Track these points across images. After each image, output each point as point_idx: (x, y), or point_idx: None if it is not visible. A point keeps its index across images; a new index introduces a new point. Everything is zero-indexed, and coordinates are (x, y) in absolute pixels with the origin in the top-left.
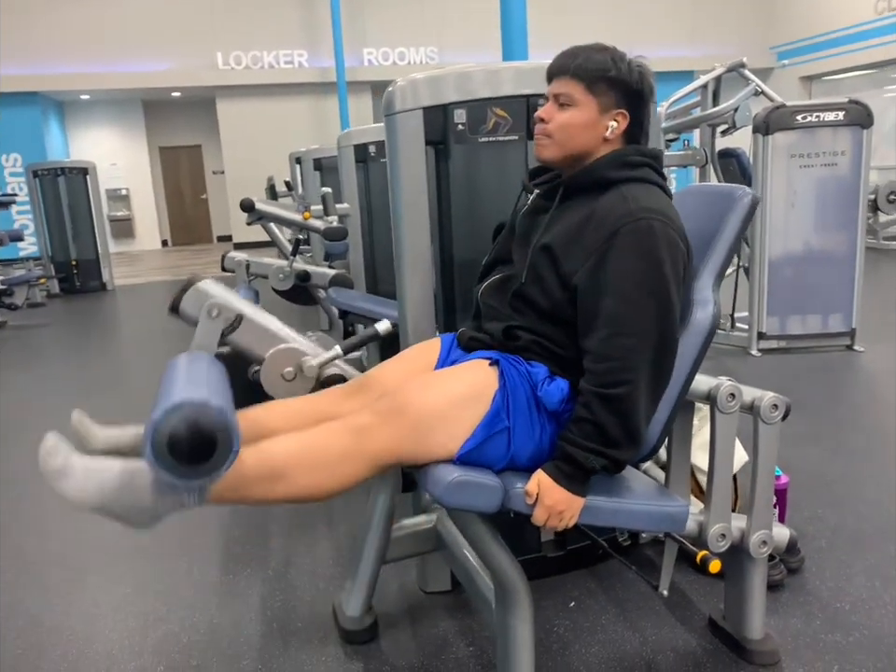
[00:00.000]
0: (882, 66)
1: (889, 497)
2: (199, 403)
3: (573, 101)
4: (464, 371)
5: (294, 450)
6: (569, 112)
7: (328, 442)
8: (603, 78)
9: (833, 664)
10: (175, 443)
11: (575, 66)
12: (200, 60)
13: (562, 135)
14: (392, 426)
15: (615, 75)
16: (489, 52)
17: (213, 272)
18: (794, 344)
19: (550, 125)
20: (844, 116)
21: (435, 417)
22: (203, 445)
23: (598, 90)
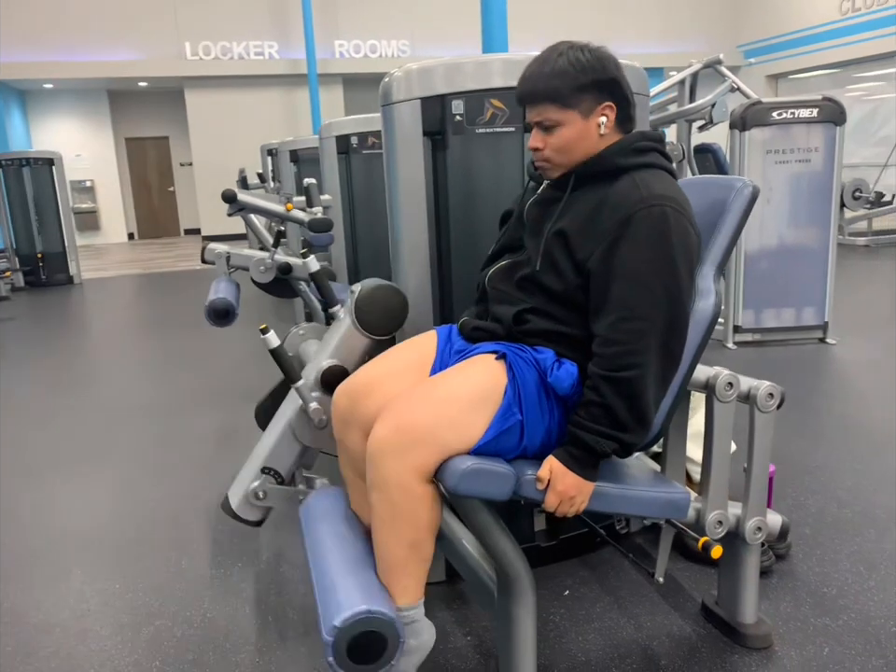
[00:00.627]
0: (845, 66)
1: (866, 484)
2: (377, 613)
3: (556, 122)
4: (470, 371)
5: (389, 542)
6: (557, 133)
7: (390, 511)
8: (572, 89)
9: (824, 646)
10: (353, 649)
11: (542, 90)
12: (168, 50)
13: (561, 156)
14: (409, 451)
15: (581, 79)
16: (462, 45)
17: (183, 265)
18: (769, 337)
19: (545, 151)
20: (818, 113)
21: (447, 427)
22: (378, 648)
23: (573, 101)
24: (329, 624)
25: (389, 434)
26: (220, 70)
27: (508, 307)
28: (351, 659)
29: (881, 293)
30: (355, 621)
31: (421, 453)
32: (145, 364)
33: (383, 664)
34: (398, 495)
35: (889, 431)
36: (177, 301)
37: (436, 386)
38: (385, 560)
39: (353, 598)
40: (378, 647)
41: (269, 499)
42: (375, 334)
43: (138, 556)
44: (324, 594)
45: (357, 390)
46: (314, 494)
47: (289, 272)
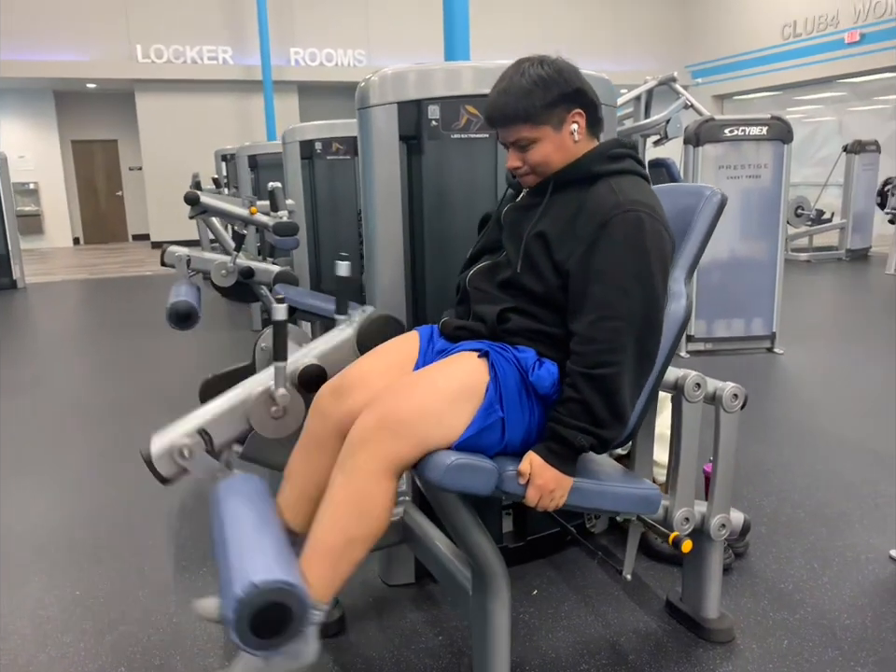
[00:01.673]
0: (787, 89)
1: (816, 485)
2: (276, 581)
3: (530, 140)
4: (454, 367)
5: (331, 527)
6: (534, 149)
7: (351, 498)
8: (541, 106)
9: (783, 639)
10: (255, 625)
11: (512, 113)
12: (118, 51)
13: (542, 168)
14: (385, 440)
15: (548, 95)
16: (419, 56)
17: (131, 271)
18: (720, 347)
19: (525, 168)
20: (767, 131)
21: (430, 420)
22: (282, 620)
23: (544, 117)
24: (245, 581)
25: (373, 423)
26: (172, 74)
27: (491, 306)
28: (254, 632)
29: (822, 306)
30: (274, 586)
31: (401, 445)
32: (97, 368)
33: (286, 639)
34: (364, 482)
35: (834, 435)
36: (127, 306)
37: (421, 380)
38: (318, 544)
39: (275, 567)
40: (283, 622)
41: (190, 461)
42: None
43: (98, 562)
44: (243, 556)
45: (342, 387)
46: (238, 475)
47: (251, 275)
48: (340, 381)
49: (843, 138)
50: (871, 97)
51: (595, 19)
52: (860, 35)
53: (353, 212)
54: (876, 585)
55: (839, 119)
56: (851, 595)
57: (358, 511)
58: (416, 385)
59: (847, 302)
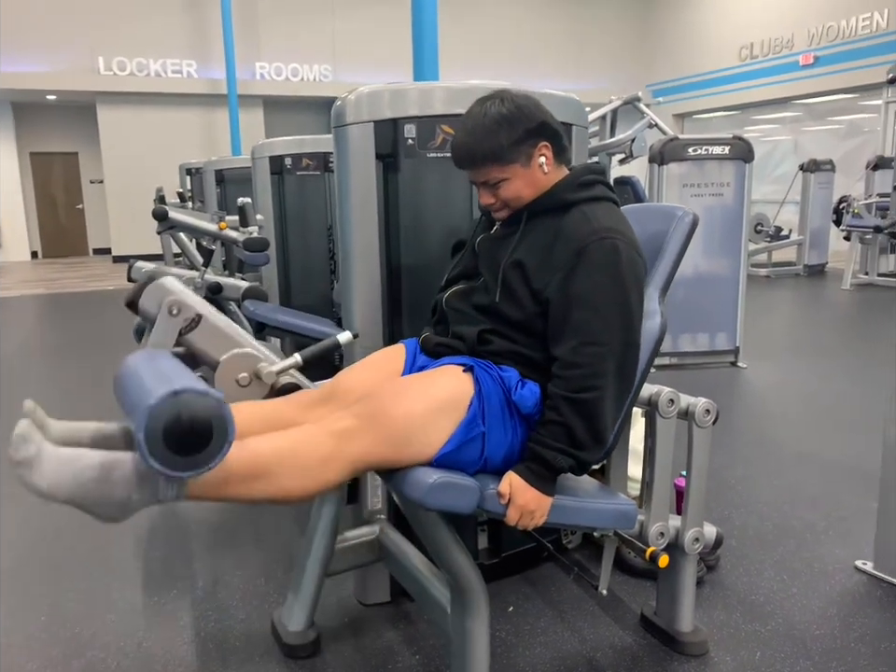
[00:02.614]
0: (745, 108)
1: (782, 498)
2: (199, 391)
3: (499, 178)
4: (440, 377)
5: (278, 449)
6: (503, 187)
7: (310, 445)
8: (507, 146)
9: (756, 651)
10: (171, 432)
11: (480, 156)
12: (79, 63)
13: (514, 203)
14: (372, 431)
15: (513, 134)
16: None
17: (92, 286)
18: (685, 361)
19: (498, 204)
20: (729, 150)
21: (414, 424)
22: (200, 435)
23: (509, 156)
24: (143, 406)
25: (367, 413)
26: (135, 87)
27: (469, 327)
28: (168, 448)
29: (783, 320)
30: (176, 398)
31: (382, 445)
32: (57, 388)
33: (204, 459)
34: (328, 446)
35: (798, 448)
36: (88, 322)
37: (410, 385)
38: (244, 445)
39: (177, 381)
40: (201, 437)
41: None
42: None
43: (64, 586)
44: (139, 391)
45: (333, 394)
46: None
47: (220, 291)
48: (329, 389)
49: (799, 157)
50: (825, 117)
51: (558, 39)
52: (814, 58)
53: (323, 227)
54: (843, 595)
55: (795, 138)
56: (820, 605)
57: (304, 458)
58: (404, 390)
59: (806, 317)
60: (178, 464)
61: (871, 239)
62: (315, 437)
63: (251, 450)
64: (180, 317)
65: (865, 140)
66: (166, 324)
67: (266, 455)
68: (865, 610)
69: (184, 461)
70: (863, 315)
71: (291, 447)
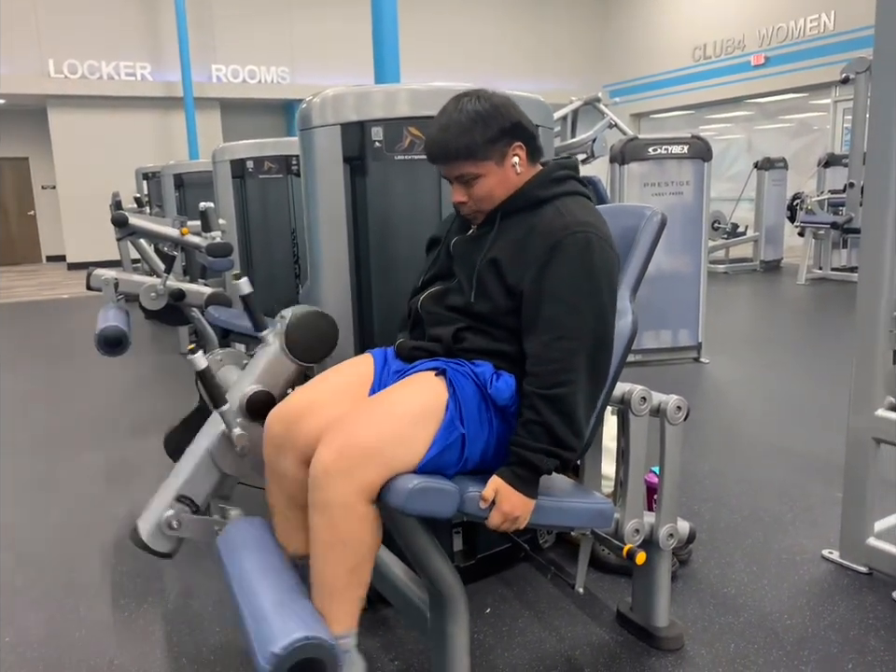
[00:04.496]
0: (699, 108)
1: (749, 490)
2: (321, 641)
3: (474, 175)
4: (411, 389)
5: (327, 566)
6: (477, 184)
7: (332, 535)
8: (481, 143)
9: (730, 643)
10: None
11: (454, 151)
12: (29, 66)
13: (486, 202)
14: (355, 471)
15: (488, 132)
16: (343, 74)
17: (46, 294)
18: (649, 358)
19: (470, 203)
20: (688, 149)
21: (393, 444)
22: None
23: (485, 153)
24: (265, 652)
25: (334, 455)
26: (88, 90)
27: (445, 327)
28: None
29: (742, 315)
30: (294, 648)
31: (367, 472)
32: (13, 400)
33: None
34: (341, 516)
35: (762, 440)
36: (43, 332)
37: (379, 404)
38: (323, 585)
39: (289, 625)
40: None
41: (183, 529)
42: (305, 361)
43: (29, 605)
44: (257, 623)
45: (293, 414)
46: (233, 524)
47: (182, 298)
48: (287, 408)
49: (752, 155)
50: (776, 116)
51: (516, 40)
52: (765, 58)
53: (286, 231)
54: (812, 585)
55: (748, 136)
56: (790, 595)
57: (347, 545)
58: (375, 411)
59: (764, 311)
60: None
61: (824, 234)
62: (329, 524)
63: (327, 583)
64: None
65: (815, 138)
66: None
67: (332, 573)
68: (833, 599)
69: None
70: (819, 309)
71: (334, 552)
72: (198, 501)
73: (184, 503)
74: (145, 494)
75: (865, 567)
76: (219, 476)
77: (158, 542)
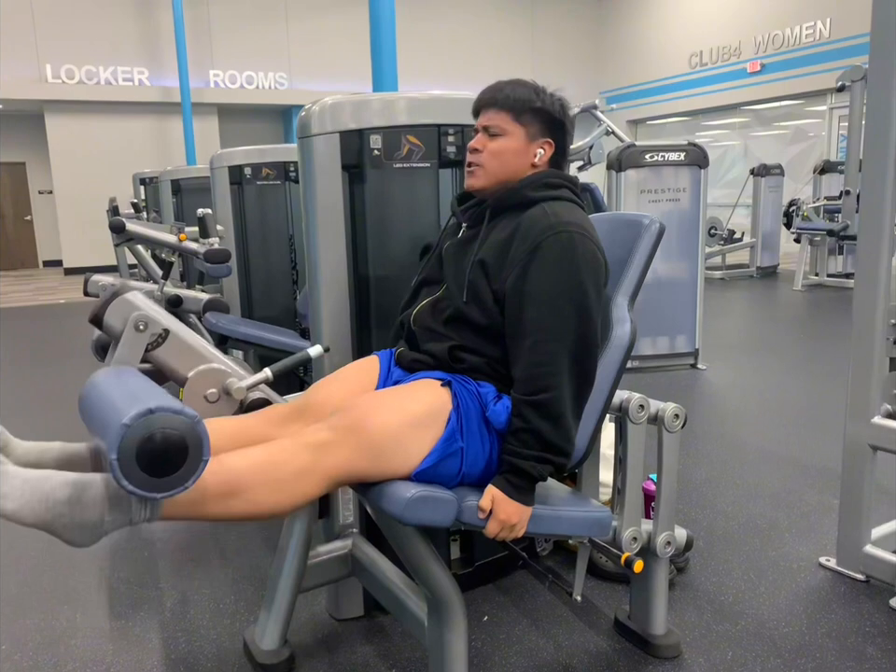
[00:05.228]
0: (695, 114)
1: (745, 497)
2: (173, 409)
3: (503, 130)
4: (418, 391)
5: (254, 465)
6: (500, 141)
7: (285, 459)
8: (529, 109)
9: (727, 650)
10: (145, 452)
11: (502, 98)
12: (26, 71)
13: (494, 163)
14: (350, 444)
15: (540, 105)
16: (342, 78)
17: (43, 299)
18: (647, 364)
19: (483, 154)
20: (685, 156)
21: (393, 437)
22: (175, 454)
23: (525, 119)
24: (115, 427)
25: (345, 425)
26: (85, 95)
27: (438, 344)
28: (143, 469)
29: (739, 321)
30: (144, 417)
31: (360, 458)
32: (9, 404)
33: (180, 479)
34: (307, 459)
35: (759, 447)
36: (39, 337)
37: (389, 398)
38: (221, 461)
39: (142, 401)
40: (176, 457)
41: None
42: None
43: (24, 612)
44: (107, 413)
45: (307, 408)
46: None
47: (179, 304)
48: (302, 403)
49: (748, 161)
50: (772, 123)
51: (513, 47)
52: (760, 66)
53: (284, 237)
54: (809, 592)
55: (744, 143)
56: (787, 603)
57: (281, 472)
58: (383, 403)
59: (761, 317)
60: (153, 485)
61: (820, 241)
62: (291, 451)
63: (226, 467)
64: (147, 333)
65: (810, 145)
66: (133, 340)
67: (241, 471)
68: (831, 606)
69: (159, 482)
70: (816, 315)
71: (267, 461)
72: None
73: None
74: None
75: (862, 575)
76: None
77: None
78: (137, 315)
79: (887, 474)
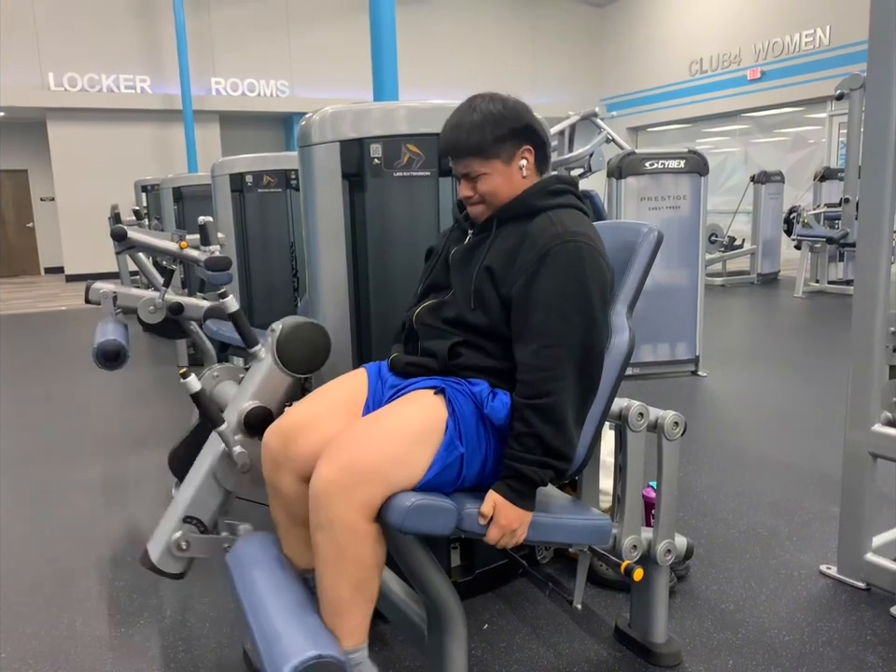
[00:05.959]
0: (696, 122)
1: (746, 505)
2: (337, 659)
3: (481, 173)
4: (411, 408)
5: (334, 583)
6: (485, 181)
7: (336, 552)
8: (491, 141)
9: (728, 659)
10: None
11: (463, 147)
12: (28, 79)
13: (490, 198)
14: (356, 489)
15: (498, 131)
16: (343, 86)
17: (44, 306)
18: (647, 371)
19: (476, 196)
20: (685, 164)
21: (394, 463)
22: None
23: (494, 152)
24: (280, 663)
25: (335, 473)
26: (87, 102)
27: (441, 341)
28: None
29: (740, 328)
30: (305, 667)
31: (368, 491)
32: (12, 412)
33: None
34: (343, 535)
35: (759, 455)
36: (40, 344)
37: (379, 423)
38: (330, 602)
39: (300, 643)
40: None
41: (192, 550)
42: (298, 372)
43: (25, 620)
44: (267, 643)
45: (290, 430)
46: (241, 540)
47: (180, 311)
48: (284, 425)
49: (748, 168)
50: (772, 130)
51: (513, 55)
52: (760, 73)
53: (285, 245)
54: (810, 601)
55: (745, 150)
56: (787, 611)
57: (351, 561)
58: (376, 430)
59: (762, 324)
60: None
61: (820, 248)
62: (333, 542)
63: (334, 600)
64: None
65: (811, 152)
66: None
67: (338, 589)
68: (832, 615)
69: None
70: (816, 322)
71: (340, 569)
72: (205, 521)
73: (191, 523)
74: (143, 508)
75: (863, 583)
76: (224, 494)
77: (168, 564)
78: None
79: (887, 482)
